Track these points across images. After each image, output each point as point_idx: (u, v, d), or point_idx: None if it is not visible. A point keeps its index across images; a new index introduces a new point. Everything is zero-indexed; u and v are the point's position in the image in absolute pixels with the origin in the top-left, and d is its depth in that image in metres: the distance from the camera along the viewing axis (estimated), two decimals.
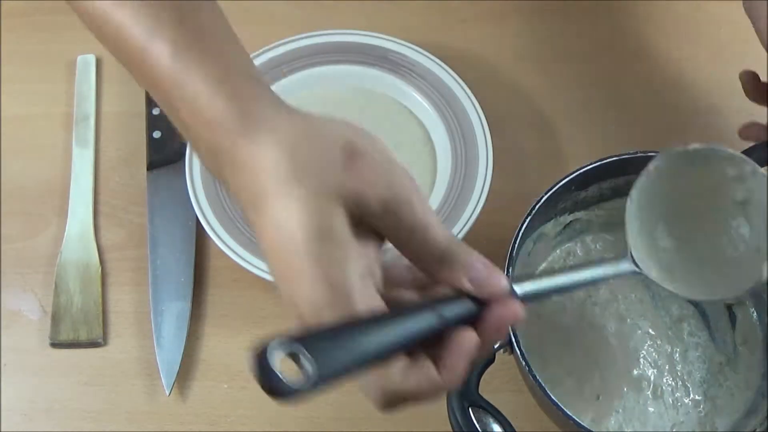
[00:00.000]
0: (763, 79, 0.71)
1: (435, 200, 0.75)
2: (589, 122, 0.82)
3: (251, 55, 0.79)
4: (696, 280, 0.58)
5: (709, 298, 0.62)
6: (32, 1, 0.87)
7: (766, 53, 0.85)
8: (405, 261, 0.47)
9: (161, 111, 0.79)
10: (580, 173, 0.66)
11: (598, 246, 0.73)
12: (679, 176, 0.59)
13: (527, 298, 0.49)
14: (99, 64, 0.84)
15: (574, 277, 0.53)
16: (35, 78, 0.84)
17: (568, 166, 0.66)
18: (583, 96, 0.83)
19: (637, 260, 0.57)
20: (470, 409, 0.56)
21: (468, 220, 0.73)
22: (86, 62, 0.84)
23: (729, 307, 0.70)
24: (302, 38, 0.81)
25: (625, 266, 0.57)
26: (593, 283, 0.55)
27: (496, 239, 0.76)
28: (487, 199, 0.74)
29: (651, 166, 0.58)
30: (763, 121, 0.81)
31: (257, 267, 0.71)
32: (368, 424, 0.70)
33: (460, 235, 0.72)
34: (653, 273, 0.57)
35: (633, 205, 0.59)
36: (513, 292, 0.48)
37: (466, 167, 0.76)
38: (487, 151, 0.76)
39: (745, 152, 0.67)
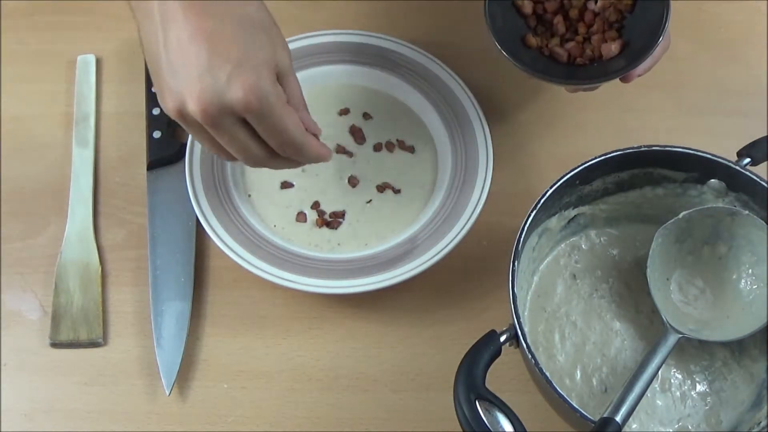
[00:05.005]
0: None
1: (435, 200, 0.75)
2: (590, 122, 0.82)
3: None
4: (722, 324, 0.67)
5: (738, 336, 0.67)
6: (32, 1, 0.87)
7: (766, 53, 0.86)
8: None
9: (161, 111, 0.79)
10: (584, 168, 0.66)
11: (602, 240, 0.73)
12: (680, 242, 0.69)
13: (626, 418, 0.59)
14: (99, 64, 0.84)
15: (645, 378, 0.62)
16: (35, 78, 0.84)
17: (568, 166, 0.66)
18: (584, 96, 0.83)
19: (674, 325, 0.66)
20: (477, 402, 0.56)
21: (468, 220, 0.73)
22: (86, 62, 0.84)
23: None
24: (302, 38, 0.81)
25: (672, 338, 0.65)
26: (659, 369, 0.64)
27: (496, 239, 0.76)
28: (487, 199, 0.74)
29: (654, 243, 0.67)
30: (763, 119, 0.82)
31: (257, 267, 0.71)
32: (368, 424, 0.70)
33: (460, 236, 0.72)
34: (690, 327, 0.66)
35: (652, 281, 0.68)
36: (616, 424, 0.58)
37: (466, 167, 0.76)
38: (487, 151, 0.76)
39: (747, 147, 0.67)
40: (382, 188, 0.77)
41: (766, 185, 0.65)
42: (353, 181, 0.77)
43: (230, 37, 0.58)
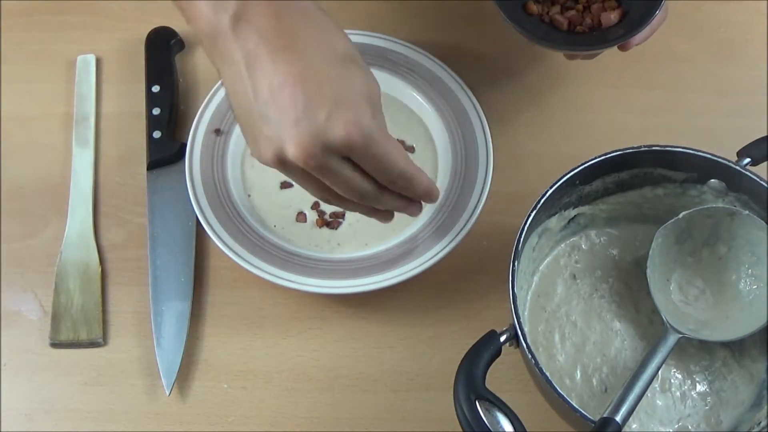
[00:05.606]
0: None
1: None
2: (590, 122, 0.82)
3: None
4: (722, 324, 0.67)
5: (737, 336, 0.66)
6: (32, 1, 0.87)
7: (766, 53, 0.86)
8: None
9: (161, 111, 0.79)
10: (584, 168, 0.67)
11: (602, 240, 0.73)
12: (679, 242, 0.69)
13: (626, 418, 0.59)
14: (99, 64, 0.84)
15: (645, 378, 0.62)
16: (35, 78, 0.84)
17: (568, 166, 0.66)
18: (584, 96, 0.84)
19: (674, 325, 0.66)
20: (477, 402, 0.56)
21: (468, 220, 0.73)
22: (86, 62, 0.84)
23: None
24: None
25: (672, 338, 0.65)
26: (658, 369, 0.64)
27: (496, 239, 0.76)
28: (487, 199, 0.74)
29: (654, 243, 0.67)
30: (763, 119, 0.82)
31: (257, 267, 0.71)
32: (368, 424, 0.70)
33: (460, 236, 0.72)
34: (690, 327, 0.66)
35: (652, 281, 0.68)
36: (616, 424, 0.58)
37: (466, 167, 0.76)
38: (487, 151, 0.76)
39: (747, 147, 0.67)
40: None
41: (766, 185, 0.65)
42: None
43: (322, 76, 0.56)
